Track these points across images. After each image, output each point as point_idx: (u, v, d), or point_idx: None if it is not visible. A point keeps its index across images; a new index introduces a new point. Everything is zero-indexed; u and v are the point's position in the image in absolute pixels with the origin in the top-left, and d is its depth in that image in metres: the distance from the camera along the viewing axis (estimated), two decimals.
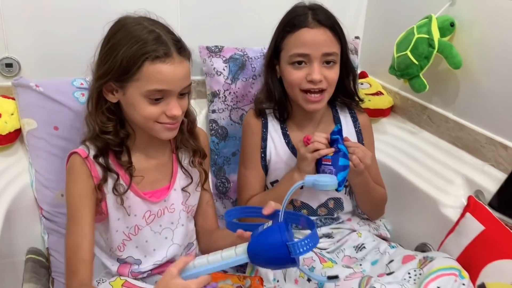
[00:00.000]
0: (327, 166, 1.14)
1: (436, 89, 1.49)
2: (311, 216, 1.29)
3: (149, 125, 1.03)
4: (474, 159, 1.38)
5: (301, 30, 1.18)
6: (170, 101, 1.01)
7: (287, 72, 1.21)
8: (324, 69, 1.19)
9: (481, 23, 1.35)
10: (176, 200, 1.15)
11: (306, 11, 1.20)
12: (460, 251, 1.14)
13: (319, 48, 1.17)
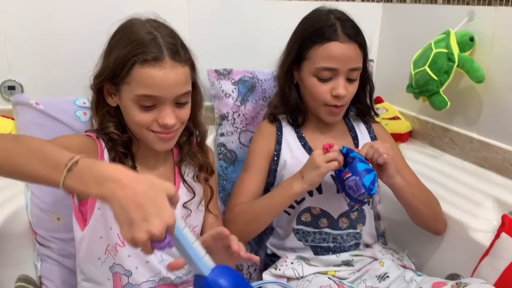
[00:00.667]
0: (350, 178, 1.06)
1: (458, 109, 1.42)
2: (332, 230, 1.21)
3: (142, 132, 0.99)
4: (504, 179, 1.27)
5: (331, 43, 1.15)
6: (163, 108, 0.96)
7: (312, 84, 1.18)
8: (348, 84, 1.17)
9: (502, 38, 1.29)
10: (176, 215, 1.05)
11: (334, 22, 1.16)
12: (498, 275, 1.02)
13: (347, 63, 1.15)
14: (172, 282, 1.07)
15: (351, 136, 1.29)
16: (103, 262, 1.03)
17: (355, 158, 1.06)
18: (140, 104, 0.96)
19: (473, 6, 1.37)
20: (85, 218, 1.02)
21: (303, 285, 1.13)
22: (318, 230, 1.22)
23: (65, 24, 1.42)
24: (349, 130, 1.30)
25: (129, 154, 1.03)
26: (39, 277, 1.19)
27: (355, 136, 1.29)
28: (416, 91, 1.39)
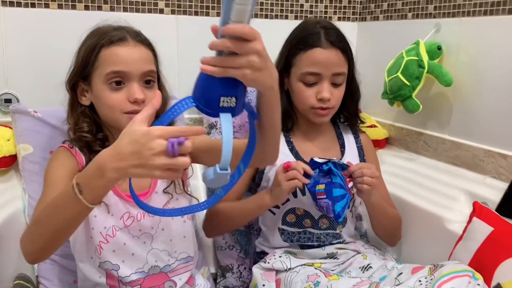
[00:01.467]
0: (323, 200, 1.14)
1: (430, 114, 1.52)
2: (314, 229, 1.27)
3: (116, 116, 1.02)
4: (475, 174, 1.37)
5: (314, 49, 1.21)
6: (132, 85, 1.02)
7: (298, 89, 1.25)
8: (333, 88, 1.24)
9: (466, 46, 1.41)
10: (158, 204, 1.10)
11: (318, 30, 1.23)
12: (471, 256, 1.10)
13: (330, 68, 1.22)
14: (161, 270, 1.10)
15: (339, 143, 1.35)
16: (95, 261, 1.06)
17: (336, 177, 1.13)
18: (110, 85, 1.01)
19: (439, 19, 1.49)
20: None
21: (291, 276, 1.19)
22: (302, 230, 1.28)
23: (58, 41, 1.49)
24: (337, 137, 1.36)
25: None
26: (36, 277, 1.23)
27: (343, 144, 1.35)
28: (390, 97, 1.50)
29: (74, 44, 1.49)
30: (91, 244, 1.05)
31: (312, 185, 1.16)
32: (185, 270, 1.14)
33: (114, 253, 1.06)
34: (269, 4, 1.73)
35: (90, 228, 1.04)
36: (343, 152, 1.33)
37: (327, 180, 1.15)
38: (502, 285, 1.01)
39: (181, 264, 1.13)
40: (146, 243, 1.09)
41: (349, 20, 1.86)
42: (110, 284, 1.07)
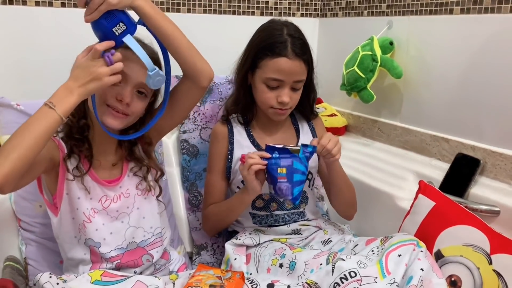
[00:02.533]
0: (283, 183, 1.24)
1: (383, 103, 1.68)
2: (280, 211, 1.39)
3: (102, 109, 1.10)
4: (422, 156, 1.54)
5: (280, 58, 1.28)
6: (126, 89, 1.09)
7: (261, 90, 1.33)
8: (292, 92, 1.33)
9: (415, 41, 1.57)
10: (130, 185, 1.21)
11: (286, 38, 1.29)
12: (417, 227, 1.25)
13: (292, 76, 1.30)
14: (138, 245, 1.21)
15: (294, 129, 1.47)
16: (79, 239, 1.17)
17: (297, 163, 1.23)
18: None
19: (391, 17, 1.65)
20: (57, 207, 1.15)
21: (260, 250, 1.32)
22: (269, 213, 1.40)
23: (35, 37, 1.58)
24: (293, 124, 1.48)
25: (85, 140, 1.14)
26: (24, 259, 1.32)
27: (297, 129, 1.47)
28: (348, 88, 1.64)
29: (51, 39, 1.59)
30: (75, 223, 1.15)
31: (274, 168, 1.25)
32: (160, 244, 1.26)
33: (96, 231, 1.16)
34: (236, 1, 1.85)
35: (74, 209, 1.14)
36: (298, 137, 1.45)
37: (288, 163, 1.24)
38: (441, 250, 1.17)
39: (157, 238, 1.25)
40: (124, 222, 1.20)
41: (311, 16, 2.00)
42: (93, 260, 1.17)
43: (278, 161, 1.25)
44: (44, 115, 0.96)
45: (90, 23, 1.02)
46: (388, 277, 1.07)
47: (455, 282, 1.12)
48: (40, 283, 1.02)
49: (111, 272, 1.13)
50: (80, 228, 1.15)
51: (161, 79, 1.06)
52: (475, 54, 1.40)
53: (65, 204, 1.14)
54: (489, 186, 1.33)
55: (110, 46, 1.01)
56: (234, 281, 1.16)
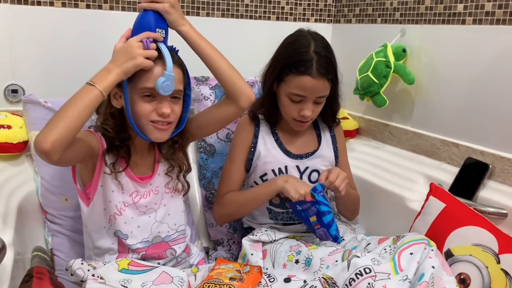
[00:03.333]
0: (319, 229, 1.32)
1: (395, 108, 1.74)
2: None
3: (142, 123, 1.15)
4: (432, 160, 1.60)
5: (305, 77, 1.30)
6: (162, 101, 1.14)
7: (285, 102, 1.37)
8: (314, 105, 1.36)
9: (427, 49, 1.63)
10: (160, 183, 1.27)
11: (311, 57, 1.30)
12: (427, 227, 1.31)
13: (315, 93, 1.33)
14: (163, 240, 1.28)
15: (316, 133, 1.51)
16: (108, 230, 1.22)
17: (320, 206, 1.28)
18: (142, 96, 1.13)
19: (404, 25, 1.70)
20: (89, 197, 1.21)
21: (276, 246, 1.37)
22: (285, 211, 1.45)
23: (61, 37, 1.63)
24: (314, 128, 1.51)
25: (125, 146, 1.19)
26: (51, 250, 1.38)
27: (319, 134, 1.51)
28: (361, 93, 1.70)
29: (76, 39, 1.65)
30: (106, 214, 1.21)
31: (306, 220, 1.33)
32: (183, 240, 1.32)
33: (125, 224, 1.22)
34: (253, 6, 1.91)
35: (107, 201, 1.20)
36: (320, 141, 1.50)
37: (314, 212, 1.30)
38: (451, 249, 1.23)
39: (180, 235, 1.32)
40: (151, 217, 1.26)
41: (324, 21, 2.06)
42: (120, 250, 1.23)
43: (306, 213, 1.32)
44: (86, 91, 1.05)
45: (141, 11, 1.17)
46: (401, 273, 1.12)
47: (464, 280, 1.18)
48: (73, 268, 1.08)
49: (138, 262, 1.19)
50: (111, 219, 1.21)
51: (170, 84, 1.12)
52: (486, 63, 1.45)
53: (98, 196, 1.20)
54: (497, 190, 1.38)
55: (152, 36, 1.12)
56: (253, 274, 1.22)
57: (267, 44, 1.53)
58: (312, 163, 1.44)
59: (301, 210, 1.32)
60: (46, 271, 1.03)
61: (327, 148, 1.48)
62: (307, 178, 1.43)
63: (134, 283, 1.12)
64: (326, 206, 1.30)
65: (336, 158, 1.49)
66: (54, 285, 0.98)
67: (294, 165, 1.43)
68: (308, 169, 1.44)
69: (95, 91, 1.05)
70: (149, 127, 1.16)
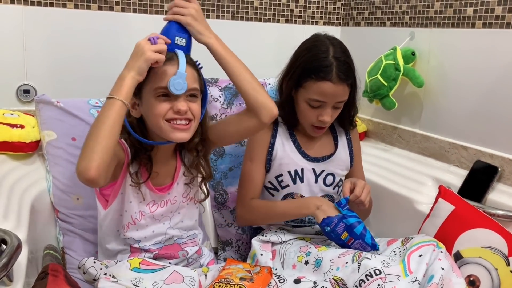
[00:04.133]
0: (354, 243, 1.30)
1: (404, 111, 1.75)
2: None
3: (160, 124, 1.14)
4: (441, 163, 1.60)
5: (325, 82, 1.30)
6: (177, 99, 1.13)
7: (303, 108, 1.37)
8: (332, 110, 1.37)
9: (436, 52, 1.64)
10: (178, 193, 1.28)
11: (331, 62, 1.31)
12: (436, 229, 1.31)
13: (335, 99, 1.34)
14: (175, 242, 1.29)
15: (332, 136, 1.51)
16: (120, 234, 1.23)
17: (347, 219, 1.28)
18: (157, 96, 1.12)
19: (413, 28, 1.72)
20: (107, 200, 1.21)
21: (285, 247, 1.38)
22: None
23: (73, 38, 1.66)
24: (331, 131, 1.51)
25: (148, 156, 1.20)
26: (62, 248, 1.39)
27: (335, 137, 1.50)
28: (370, 95, 1.71)
29: (88, 41, 1.66)
30: (121, 221, 1.22)
31: (338, 239, 1.31)
32: (194, 245, 1.33)
33: (137, 231, 1.23)
34: (263, 9, 1.92)
35: (123, 210, 1.21)
36: (336, 145, 1.49)
37: (343, 227, 1.29)
38: (461, 252, 1.23)
39: (190, 240, 1.32)
40: (165, 223, 1.27)
41: (333, 24, 2.07)
42: (132, 251, 1.24)
43: (335, 231, 1.30)
44: (108, 106, 1.05)
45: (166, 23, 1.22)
46: (410, 276, 1.13)
47: (473, 282, 1.19)
48: (86, 267, 1.09)
49: (149, 261, 1.20)
50: (124, 226, 1.22)
51: (181, 83, 1.11)
52: (495, 66, 1.46)
53: (117, 203, 1.20)
54: (506, 193, 1.39)
55: (163, 40, 1.13)
56: (263, 275, 1.22)
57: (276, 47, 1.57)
58: (328, 166, 1.45)
59: (330, 231, 1.30)
60: (61, 269, 1.05)
61: (344, 151, 1.48)
62: (322, 181, 1.44)
63: (145, 282, 1.14)
64: (354, 218, 1.30)
65: (351, 161, 1.49)
66: (69, 282, 1.00)
67: (310, 168, 1.43)
68: (324, 172, 1.44)
69: (117, 103, 1.04)
70: (166, 126, 1.14)
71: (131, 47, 1.10)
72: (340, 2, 2.07)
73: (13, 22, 1.58)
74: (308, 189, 1.44)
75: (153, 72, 1.12)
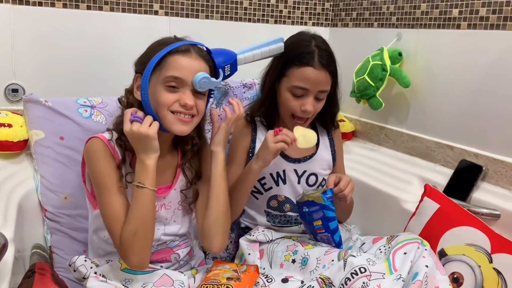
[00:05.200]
0: (322, 233, 1.34)
1: (391, 111, 1.76)
2: (293, 213, 1.45)
3: (164, 114, 1.13)
4: (427, 162, 1.62)
5: (307, 68, 1.33)
6: (185, 91, 1.13)
7: (286, 98, 1.37)
8: (315, 102, 1.37)
9: (423, 53, 1.66)
10: (174, 199, 1.27)
11: (313, 50, 1.34)
12: (421, 228, 1.33)
13: (317, 86, 1.34)
14: (168, 246, 1.28)
15: None
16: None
17: (327, 211, 1.30)
18: (166, 85, 1.12)
19: (400, 29, 1.73)
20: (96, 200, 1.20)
21: (273, 246, 1.39)
22: (283, 214, 1.46)
23: (62, 37, 1.65)
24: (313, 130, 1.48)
25: None
26: (49, 247, 1.39)
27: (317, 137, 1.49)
28: (357, 95, 1.72)
29: (76, 40, 1.66)
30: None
31: (310, 222, 1.34)
32: (186, 246, 1.33)
33: None
34: (252, 9, 1.93)
35: None
36: (318, 145, 1.49)
37: (321, 215, 1.31)
38: (445, 249, 1.25)
39: (182, 242, 1.32)
40: (159, 229, 1.25)
41: (322, 25, 2.08)
42: None
43: (311, 215, 1.33)
44: (143, 197, 1.11)
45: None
46: (395, 273, 1.14)
47: (457, 278, 1.20)
48: (76, 265, 1.09)
49: None
50: None
51: (207, 82, 1.14)
52: (480, 67, 1.48)
53: None
54: (490, 191, 1.41)
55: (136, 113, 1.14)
56: (250, 273, 1.23)
57: None
58: (310, 166, 1.46)
59: (307, 212, 1.33)
60: (48, 267, 1.05)
61: (325, 151, 1.49)
62: (305, 182, 1.45)
63: (135, 284, 1.14)
64: (332, 212, 1.32)
65: (333, 161, 1.50)
66: (56, 281, 1.00)
67: (292, 169, 1.44)
68: (306, 173, 1.45)
69: (147, 192, 1.10)
70: (170, 117, 1.13)
71: (120, 47, 1.10)
72: (328, 3, 2.08)
73: (1, 21, 1.57)
74: (291, 190, 1.45)
75: (165, 60, 1.12)
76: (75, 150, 1.43)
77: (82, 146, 1.39)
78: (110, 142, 1.18)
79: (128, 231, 1.08)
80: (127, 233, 1.08)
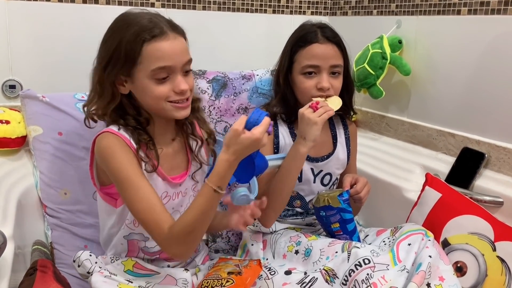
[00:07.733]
0: (341, 236, 1.32)
1: (391, 99, 1.75)
2: (301, 209, 1.44)
3: (160, 106, 1.09)
4: (429, 150, 1.61)
5: (312, 45, 1.32)
6: (176, 77, 1.08)
7: (300, 81, 1.35)
8: (331, 78, 1.34)
9: (423, 40, 1.64)
10: (189, 185, 1.24)
11: (315, 29, 1.35)
12: (424, 218, 1.32)
13: (327, 60, 1.32)
14: None
15: (332, 135, 1.47)
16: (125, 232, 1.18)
17: (345, 214, 1.29)
18: (156, 78, 1.06)
19: (400, 16, 1.71)
20: (115, 198, 1.16)
21: (276, 237, 1.39)
22: (291, 208, 1.45)
23: (58, 32, 1.64)
24: (330, 129, 1.47)
25: (150, 138, 1.13)
26: (50, 243, 1.39)
27: (335, 136, 1.47)
28: (358, 84, 1.71)
29: (72, 34, 1.65)
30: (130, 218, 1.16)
31: (327, 225, 1.33)
32: None
33: None
34: None
35: None
36: (335, 144, 1.46)
37: (338, 218, 1.30)
38: (448, 239, 1.24)
39: None
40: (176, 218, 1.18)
41: (320, 14, 2.06)
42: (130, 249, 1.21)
43: (328, 219, 1.32)
44: (213, 201, 1.04)
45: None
46: (399, 264, 1.13)
47: (461, 268, 1.20)
48: (81, 259, 1.09)
49: (142, 265, 1.19)
50: (134, 222, 1.17)
51: (245, 198, 1.12)
52: (481, 53, 1.46)
53: None
54: (493, 179, 1.40)
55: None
56: (252, 267, 1.22)
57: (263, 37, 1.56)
58: (326, 166, 1.43)
59: (324, 216, 1.32)
60: (50, 265, 1.05)
61: (342, 151, 1.46)
62: (320, 181, 1.43)
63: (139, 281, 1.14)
64: (350, 214, 1.31)
65: (348, 160, 1.47)
66: (57, 278, 0.99)
67: (309, 168, 1.41)
68: (322, 172, 1.43)
69: (218, 197, 1.04)
70: (169, 107, 1.10)
71: None
72: None
73: None
74: (306, 187, 1.43)
75: (146, 52, 1.05)
76: (73, 145, 1.41)
77: (81, 141, 1.41)
78: (119, 133, 1.12)
79: (184, 229, 1.03)
80: (181, 230, 1.03)
